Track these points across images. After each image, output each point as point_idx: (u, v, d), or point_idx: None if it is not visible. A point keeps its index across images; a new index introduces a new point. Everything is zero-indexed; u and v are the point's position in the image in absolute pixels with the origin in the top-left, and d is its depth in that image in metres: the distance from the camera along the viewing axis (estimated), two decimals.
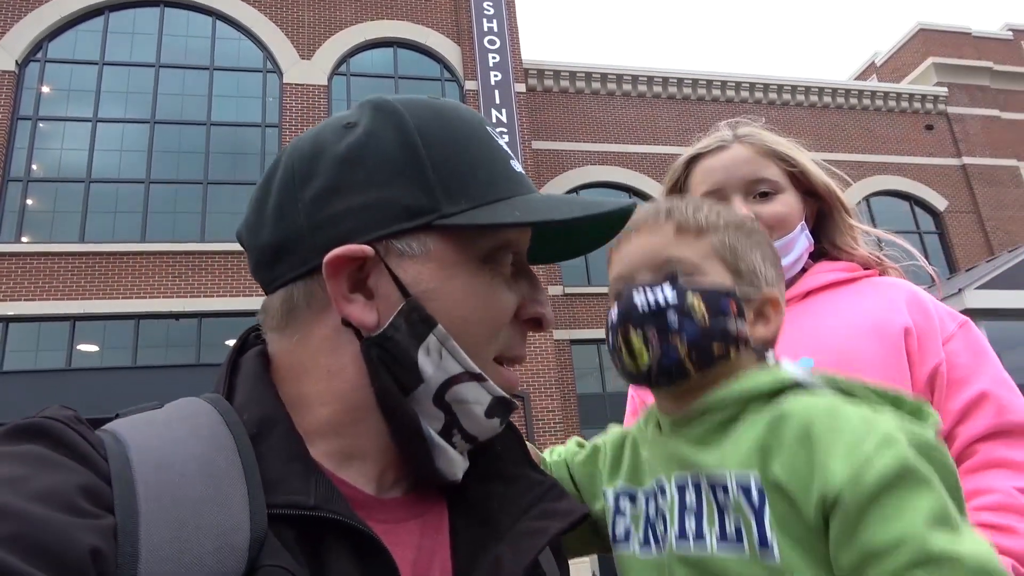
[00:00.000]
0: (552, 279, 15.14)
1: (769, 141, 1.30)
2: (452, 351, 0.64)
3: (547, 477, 0.73)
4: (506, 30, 15.04)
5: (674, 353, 0.77)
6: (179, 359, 11.89)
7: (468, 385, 0.65)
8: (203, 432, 0.56)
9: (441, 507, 0.69)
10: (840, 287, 1.26)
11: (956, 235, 18.61)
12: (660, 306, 0.78)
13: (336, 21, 14.44)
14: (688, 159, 1.35)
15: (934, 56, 20.23)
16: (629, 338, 0.79)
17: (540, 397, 12.72)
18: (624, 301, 0.80)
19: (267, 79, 14.00)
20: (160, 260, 12.24)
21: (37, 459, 0.47)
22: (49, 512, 0.43)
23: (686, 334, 0.77)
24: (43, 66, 13.16)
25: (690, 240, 0.84)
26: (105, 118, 13.16)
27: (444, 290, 0.64)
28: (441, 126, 0.67)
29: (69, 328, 11.72)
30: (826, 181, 1.31)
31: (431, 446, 0.64)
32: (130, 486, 0.49)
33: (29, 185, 12.50)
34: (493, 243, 0.67)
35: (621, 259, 0.87)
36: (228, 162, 13.33)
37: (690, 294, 0.78)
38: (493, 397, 0.66)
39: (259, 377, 0.65)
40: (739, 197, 1.26)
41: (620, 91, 17.81)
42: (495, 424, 0.68)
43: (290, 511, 0.54)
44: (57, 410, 0.54)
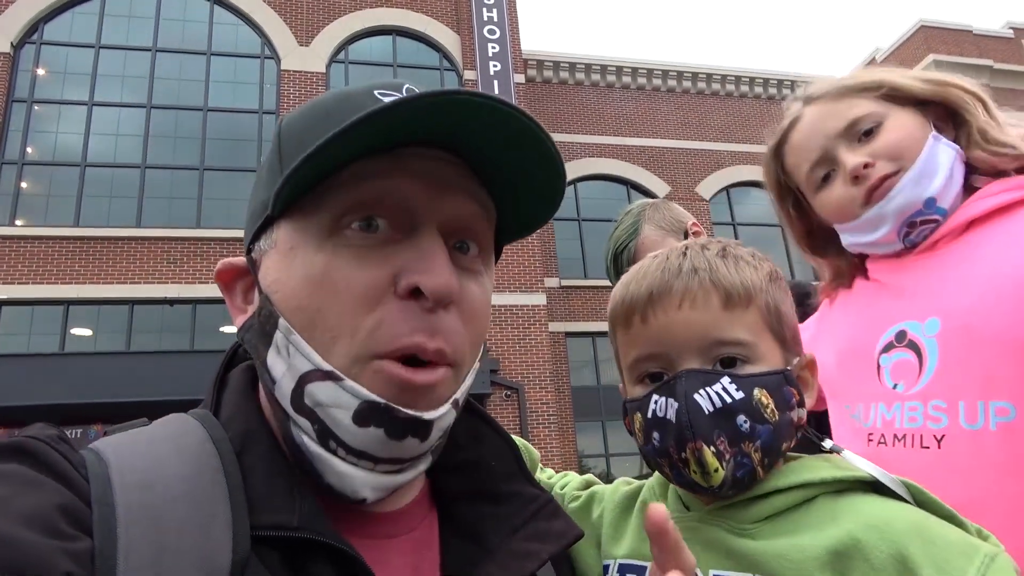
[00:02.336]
0: (549, 271, 15.15)
1: (839, 82, 1.12)
2: (296, 345, 0.57)
3: (542, 493, 0.70)
4: (506, 20, 14.97)
5: (749, 462, 0.68)
6: (173, 345, 11.87)
7: (321, 385, 0.56)
8: (189, 451, 0.55)
9: (432, 522, 0.67)
10: (1011, 213, 0.97)
11: None
12: (727, 407, 0.68)
13: (335, 7, 14.35)
14: (773, 151, 1.19)
15: (935, 53, 20.21)
16: (703, 456, 0.67)
17: (534, 389, 12.74)
18: (687, 405, 0.69)
19: (265, 65, 13.91)
20: (155, 245, 12.19)
21: (19, 479, 0.47)
22: (28, 535, 0.43)
23: (760, 439, 0.68)
24: (38, 48, 13.05)
25: (740, 314, 0.72)
26: (101, 102, 13.07)
27: (284, 279, 0.59)
28: (300, 114, 0.63)
29: (63, 312, 11.68)
30: (927, 77, 1.08)
31: (310, 456, 0.57)
32: (110, 508, 0.48)
33: (24, 168, 12.42)
34: (335, 210, 0.57)
35: (655, 335, 0.73)
36: (225, 148, 13.26)
37: (757, 390, 0.69)
38: (360, 400, 0.56)
39: (243, 391, 0.64)
40: (844, 148, 1.06)
41: (620, 83, 17.76)
42: (377, 435, 0.56)
43: (273, 532, 0.52)
44: (40, 429, 0.53)
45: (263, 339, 0.60)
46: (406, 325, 0.56)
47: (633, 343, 0.76)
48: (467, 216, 0.61)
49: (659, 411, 0.71)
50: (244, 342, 0.64)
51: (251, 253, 0.64)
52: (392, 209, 0.58)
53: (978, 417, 0.89)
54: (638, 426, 0.75)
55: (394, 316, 0.56)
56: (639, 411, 0.74)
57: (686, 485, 0.72)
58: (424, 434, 0.58)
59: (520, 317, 13.11)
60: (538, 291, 13.38)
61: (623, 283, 0.79)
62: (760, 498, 0.71)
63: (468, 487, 0.68)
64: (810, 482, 0.69)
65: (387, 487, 0.59)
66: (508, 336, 12.93)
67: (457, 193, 0.60)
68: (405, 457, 0.59)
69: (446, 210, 0.60)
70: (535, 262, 13.58)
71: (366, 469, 0.58)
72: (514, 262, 13.30)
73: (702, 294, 0.72)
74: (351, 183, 0.57)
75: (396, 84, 0.63)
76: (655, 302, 0.73)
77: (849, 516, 0.66)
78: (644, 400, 0.73)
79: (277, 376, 0.59)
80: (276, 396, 0.59)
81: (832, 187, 1.09)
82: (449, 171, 0.60)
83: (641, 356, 0.75)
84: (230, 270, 0.66)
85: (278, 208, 0.59)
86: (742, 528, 0.70)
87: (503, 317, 12.91)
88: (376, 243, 0.58)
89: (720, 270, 0.73)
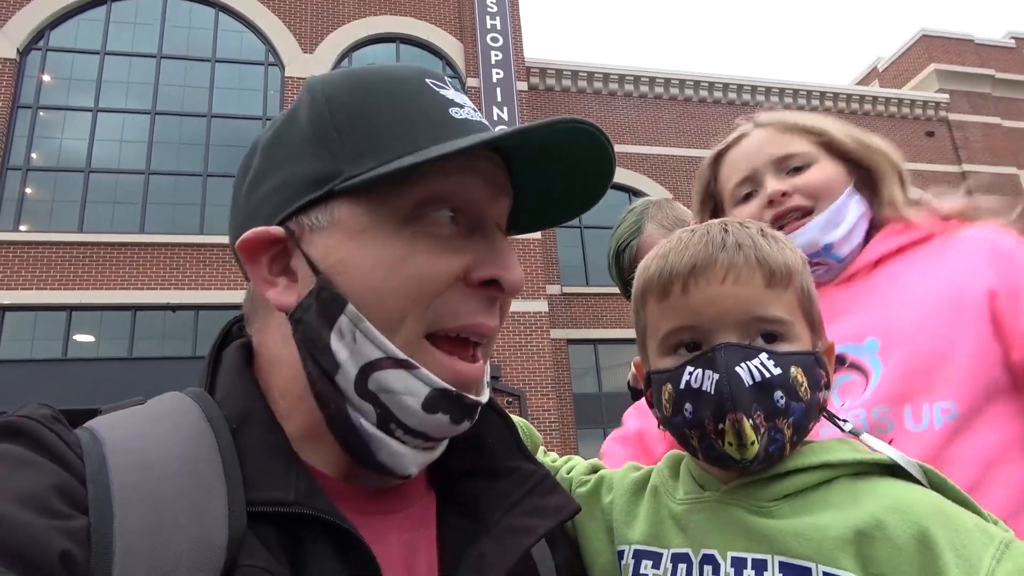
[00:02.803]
0: (551, 279, 15.14)
1: (788, 118, 1.22)
2: (366, 332, 0.58)
3: (539, 468, 0.70)
4: (509, 28, 15.03)
5: (781, 438, 0.69)
6: (175, 351, 11.88)
7: (392, 373, 0.58)
8: (184, 429, 0.56)
9: (430, 499, 0.68)
10: (914, 249, 1.11)
11: None
12: (766, 382, 0.68)
13: (339, 15, 14.41)
14: (713, 158, 1.29)
15: (936, 63, 20.25)
16: (742, 427, 0.67)
17: (536, 396, 12.72)
18: (729, 376, 0.68)
19: (269, 72, 13.97)
20: (158, 251, 12.22)
21: (13, 459, 0.47)
22: (23, 514, 0.43)
23: (792, 416, 0.69)
24: (44, 54, 13.12)
25: (780, 292, 0.72)
26: (106, 108, 13.12)
27: (353, 261, 0.59)
28: (351, 91, 0.63)
29: (66, 318, 11.69)
30: (858, 138, 1.19)
31: (366, 438, 0.59)
32: (105, 487, 0.49)
33: (28, 174, 12.47)
34: (414, 199, 0.60)
35: (695, 307, 0.73)
36: (228, 155, 13.29)
37: (793, 368, 0.69)
38: (431, 389, 0.59)
39: (239, 370, 0.64)
40: (771, 175, 1.17)
41: (622, 91, 17.80)
42: (443, 421, 0.60)
43: (270, 508, 0.53)
44: (35, 409, 0.53)
45: (324, 323, 0.59)
46: (470, 306, 0.62)
47: (669, 314, 0.75)
48: (506, 215, 0.68)
49: (694, 382, 0.70)
50: (298, 323, 0.61)
51: (286, 223, 0.62)
52: (463, 205, 0.62)
53: (923, 418, 0.97)
54: (666, 397, 0.74)
55: (459, 298, 0.61)
56: (669, 382, 0.73)
57: (715, 459, 0.71)
58: (473, 417, 0.64)
59: (522, 324, 13.11)
60: (540, 298, 13.38)
61: (659, 255, 0.78)
62: (779, 477, 0.71)
63: (466, 464, 0.69)
64: (830, 463, 0.69)
65: (426, 463, 0.64)
66: (510, 343, 12.92)
67: (506, 196, 0.67)
68: (449, 436, 0.64)
69: (500, 211, 0.66)
70: (537, 269, 13.59)
71: (417, 448, 0.62)
72: None
73: (747, 270, 0.72)
74: (430, 176, 0.60)
75: (439, 75, 0.67)
76: (698, 273, 0.72)
77: (871, 498, 0.66)
78: (677, 371, 0.72)
79: (341, 360, 0.58)
80: (336, 380, 0.59)
81: (748, 206, 1.19)
82: (502, 175, 0.65)
83: (676, 327, 0.74)
84: (258, 239, 0.62)
85: (352, 187, 0.59)
86: (760, 506, 0.70)
87: (504, 324, 12.88)
88: (451, 235, 0.62)
89: (764, 248, 0.73)
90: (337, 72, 0.67)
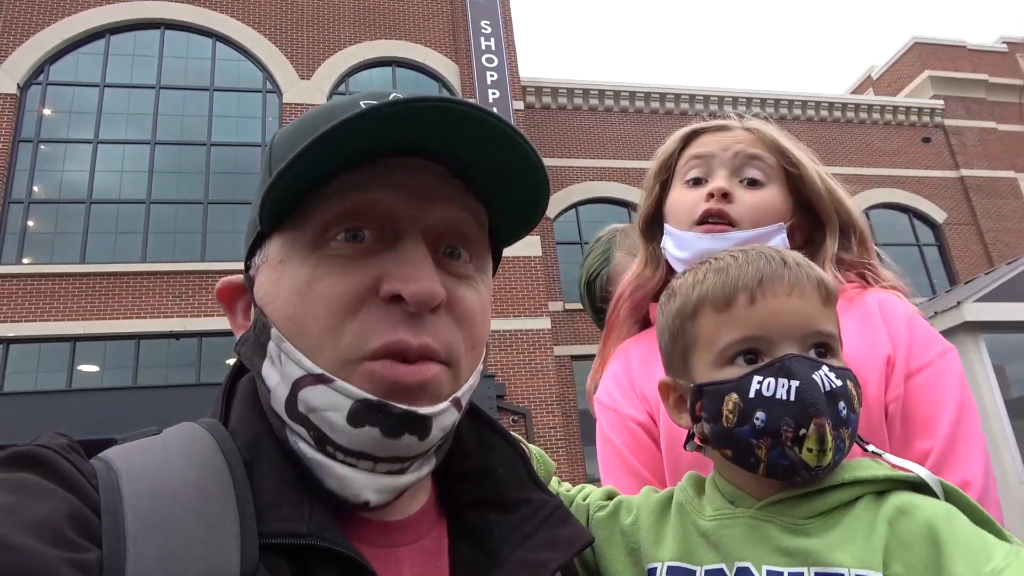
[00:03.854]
0: (552, 295, 15.14)
1: (774, 133, 1.20)
2: (287, 352, 0.58)
3: (551, 499, 0.69)
4: (503, 48, 15.15)
5: (844, 448, 0.71)
6: (179, 379, 11.86)
7: (313, 389, 0.57)
8: (198, 460, 0.56)
9: (440, 530, 0.67)
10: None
11: (956, 247, 18.63)
12: (834, 392, 0.71)
13: (335, 41, 14.55)
14: (687, 133, 1.25)
15: (930, 69, 20.36)
16: (825, 433, 0.68)
17: (541, 414, 12.67)
18: (808, 384, 0.70)
19: (267, 99, 14.07)
20: (160, 280, 12.24)
21: (29, 488, 0.47)
22: (38, 546, 0.43)
23: (851, 428, 0.71)
24: (44, 89, 13.24)
25: (831, 311, 0.77)
26: (106, 139, 13.21)
27: (275, 291, 0.61)
28: (290, 128, 0.66)
29: (70, 349, 11.69)
30: (830, 189, 1.18)
31: (309, 463, 0.58)
32: (119, 519, 0.49)
33: (30, 207, 12.53)
34: (318, 224, 0.59)
35: (762, 318, 0.75)
36: (228, 182, 13.36)
37: (849, 381, 0.73)
38: (353, 400, 0.56)
39: (251, 401, 0.64)
40: (724, 172, 1.16)
41: (618, 107, 17.91)
42: (375, 435, 0.56)
43: (283, 540, 0.53)
44: (52, 438, 0.53)
45: (258, 351, 0.61)
46: (386, 323, 0.57)
47: (731, 324, 0.76)
48: (454, 222, 0.62)
49: (765, 391, 0.71)
50: (241, 355, 0.65)
51: (249, 271, 0.66)
52: (376, 219, 0.59)
53: None
54: (730, 407, 0.73)
55: (376, 317, 0.57)
56: (735, 391, 0.73)
57: (785, 468, 0.71)
58: (423, 431, 0.58)
59: (525, 342, 13.08)
60: (542, 315, 13.36)
61: (716, 269, 0.79)
62: (815, 494, 0.72)
63: (477, 495, 0.68)
64: (862, 479, 0.71)
65: (390, 489, 0.59)
66: (513, 361, 12.89)
67: (442, 200, 0.61)
68: (405, 456, 0.59)
69: (430, 218, 0.61)
70: (538, 286, 13.59)
71: (366, 470, 0.58)
72: (517, 287, 13.31)
73: (810, 286, 0.76)
74: (335, 195, 0.59)
75: (382, 93, 0.63)
76: (765, 286, 0.75)
77: (888, 507, 0.69)
78: (743, 380, 0.73)
79: (272, 385, 0.60)
80: (272, 406, 0.60)
81: (693, 191, 1.18)
82: (433, 179, 0.61)
83: (739, 338, 0.75)
84: (229, 288, 0.68)
85: (266, 223, 0.61)
86: (795, 524, 0.71)
87: (508, 342, 12.89)
88: (360, 253, 0.59)
89: (816, 269, 0.78)
90: None
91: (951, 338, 9.45)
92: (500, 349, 12.73)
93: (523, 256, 13.43)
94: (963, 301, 9.12)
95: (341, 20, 14.74)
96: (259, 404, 0.64)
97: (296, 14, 14.54)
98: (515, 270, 13.37)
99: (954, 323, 9.06)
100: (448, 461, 0.68)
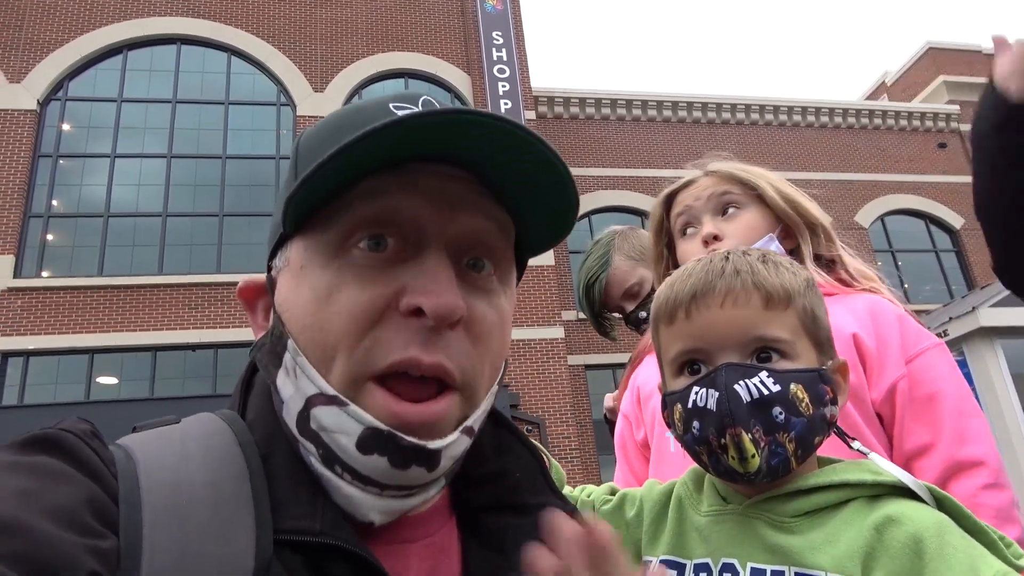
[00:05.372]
0: (566, 304, 15.12)
1: (732, 168, 1.38)
2: (302, 367, 0.57)
3: (566, 504, 0.70)
4: (515, 59, 15.22)
5: (782, 451, 0.72)
6: (196, 390, 11.94)
7: (325, 409, 0.56)
8: (215, 452, 0.55)
9: (451, 527, 0.67)
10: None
11: (974, 253, 18.41)
12: (764, 399, 0.72)
13: (348, 54, 14.67)
14: (664, 198, 1.46)
15: (944, 74, 20.22)
16: (741, 441, 0.71)
17: (556, 424, 12.62)
18: (727, 394, 0.72)
19: (281, 112, 14.21)
20: (177, 292, 12.35)
21: (50, 472, 0.47)
22: (56, 531, 0.43)
23: (794, 431, 0.72)
24: (63, 104, 13.44)
25: (780, 313, 0.76)
26: (123, 153, 13.38)
27: (293, 298, 0.59)
28: (316, 129, 0.64)
29: (88, 361, 11.81)
30: (786, 195, 1.32)
31: (318, 475, 0.57)
32: (137, 508, 0.49)
33: (49, 221, 12.70)
34: (342, 230, 0.57)
35: (698, 331, 0.77)
36: (244, 194, 13.49)
37: (793, 385, 0.73)
38: (364, 427, 0.55)
39: (268, 396, 0.64)
40: (707, 216, 1.35)
41: (630, 116, 17.91)
42: (382, 464, 0.55)
43: (296, 537, 0.53)
44: (74, 423, 0.54)
45: (274, 359, 0.60)
46: (400, 339, 0.55)
47: (676, 338, 0.80)
48: (479, 233, 0.60)
49: (699, 401, 0.75)
50: (256, 360, 0.64)
51: (270, 271, 0.65)
52: (400, 227, 0.57)
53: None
54: (678, 416, 0.78)
55: (392, 331, 0.55)
56: (679, 402, 0.78)
57: (723, 473, 0.75)
58: (431, 464, 0.57)
59: (538, 351, 13.06)
60: (556, 324, 13.34)
61: (668, 283, 0.84)
62: (800, 494, 0.74)
63: (492, 498, 0.67)
64: (849, 482, 0.72)
65: (396, 511, 0.59)
66: (527, 371, 12.87)
67: (468, 210, 0.59)
68: (413, 485, 0.58)
69: (456, 228, 0.59)
70: (551, 296, 13.57)
71: (373, 495, 0.57)
72: (530, 296, 13.30)
73: (744, 294, 0.76)
74: (359, 201, 0.57)
75: (412, 96, 0.63)
76: (699, 299, 0.78)
77: (877, 514, 0.69)
78: (685, 391, 0.77)
79: (285, 397, 0.59)
80: (284, 417, 0.59)
81: (691, 241, 1.37)
82: (460, 187, 0.59)
83: (683, 350, 0.79)
84: (251, 288, 0.67)
85: (290, 226, 0.60)
86: (781, 521, 0.73)
87: (521, 352, 12.87)
88: (382, 262, 0.57)
89: (761, 273, 0.78)
90: None
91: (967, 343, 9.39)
92: (514, 359, 12.71)
93: (536, 266, 13.43)
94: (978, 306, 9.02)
95: (354, 33, 14.88)
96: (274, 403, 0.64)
97: (310, 28, 14.69)
98: (528, 280, 13.37)
99: (969, 328, 8.95)
100: (465, 463, 0.67)
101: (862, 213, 18.00)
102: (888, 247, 18.01)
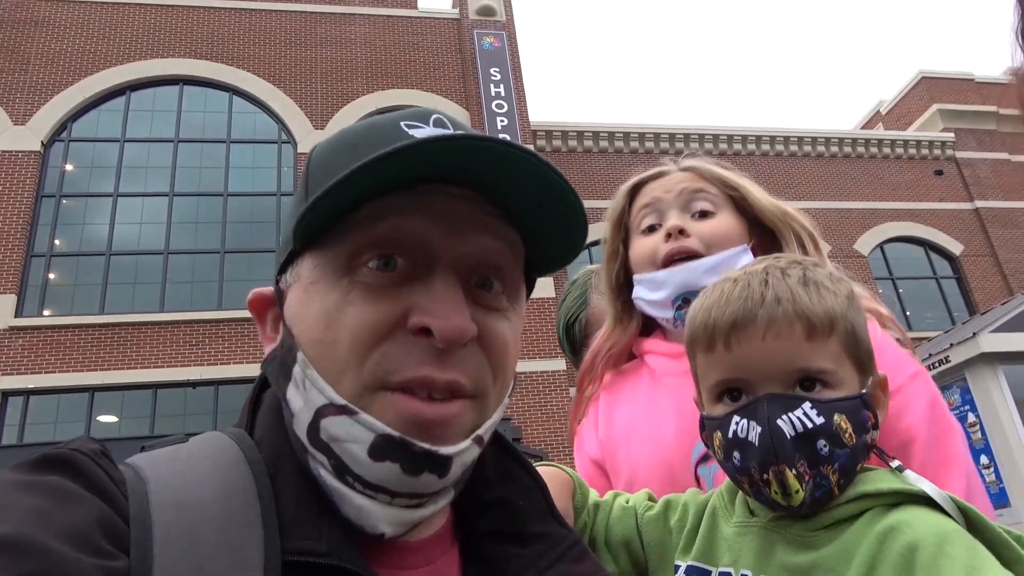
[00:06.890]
0: None
1: (711, 166, 1.27)
2: (312, 380, 0.57)
3: (570, 533, 0.69)
4: (513, 94, 15.42)
5: (827, 483, 0.71)
6: (196, 427, 11.85)
7: (335, 419, 0.56)
8: (224, 471, 0.56)
9: (453, 555, 0.66)
10: None
11: (974, 279, 18.42)
12: (808, 432, 0.70)
13: (348, 92, 14.88)
14: (630, 188, 1.32)
15: (938, 103, 20.44)
16: (785, 478, 0.70)
17: (558, 456, 12.50)
18: (770, 429, 0.71)
19: (282, 149, 14.36)
20: (178, 329, 12.35)
21: (61, 492, 0.47)
22: (69, 551, 0.43)
23: (838, 462, 0.71)
24: (67, 145, 13.59)
25: (822, 343, 0.74)
26: (126, 192, 13.49)
27: (304, 314, 0.60)
28: (329, 144, 0.65)
29: (88, 399, 11.76)
30: (774, 203, 1.23)
31: (328, 489, 0.57)
32: (147, 528, 0.49)
33: (52, 260, 12.76)
34: (351, 248, 0.58)
35: (737, 361, 0.75)
36: (244, 231, 13.57)
37: (836, 415, 0.71)
38: (375, 434, 0.55)
39: (276, 414, 0.64)
40: (675, 211, 1.22)
41: (628, 148, 18.08)
42: (395, 471, 0.55)
43: (303, 558, 0.52)
44: (84, 442, 0.54)
45: (284, 372, 0.61)
46: (412, 358, 0.56)
47: (714, 367, 0.78)
48: (488, 253, 0.61)
49: (740, 432, 0.73)
50: (267, 374, 0.64)
51: (279, 284, 0.65)
52: (410, 248, 0.58)
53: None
54: (717, 443, 0.77)
55: (401, 348, 0.56)
56: (719, 430, 0.76)
57: (765, 503, 0.74)
58: (443, 470, 0.57)
59: (540, 384, 13.00)
60: (557, 356, 13.30)
61: (703, 307, 0.80)
62: (824, 508, 0.73)
63: (495, 526, 0.67)
64: (868, 493, 0.71)
65: (406, 522, 0.59)
66: (529, 403, 12.80)
67: (477, 230, 0.60)
68: (424, 492, 0.58)
69: (464, 248, 0.59)
70: (552, 328, 13.53)
71: (383, 503, 0.57)
72: (531, 329, 13.27)
73: (786, 325, 0.73)
74: (369, 220, 0.57)
75: (424, 114, 0.64)
76: (739, 331, 0.75)
77: (884, 523, 0.68)
78: (724, 420, 0.75)
79: (295, 409, 0.59)
80: (295, 429, 0.59)
81: (651, 237, 1.24)
82: (469, 208, 0.60)
83: (721, 379, 0.77)
84: (260, 300, 0.67)
85: (300, 242, 0.60)
86: (802, 536, 0.73)
87: (523, 384, 12.80)
88: (391, 282, 0.58)
89: (803, 300, 0.74)
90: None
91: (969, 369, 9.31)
92: (516, 392, 12.63)
93: (537, 298, 13.43)
94: (979, 332, 8.98)
95: (354, 71, 15.10)
96: (283, 419, 0.64)
97: (310, 67, 14.92)
98: (530, 312, 13.33)
99: (971, 354, 8.90)
100: (468, 489, 0.67)
101: (861, 241, 18.04)
102: (888, 274, 18.01)
